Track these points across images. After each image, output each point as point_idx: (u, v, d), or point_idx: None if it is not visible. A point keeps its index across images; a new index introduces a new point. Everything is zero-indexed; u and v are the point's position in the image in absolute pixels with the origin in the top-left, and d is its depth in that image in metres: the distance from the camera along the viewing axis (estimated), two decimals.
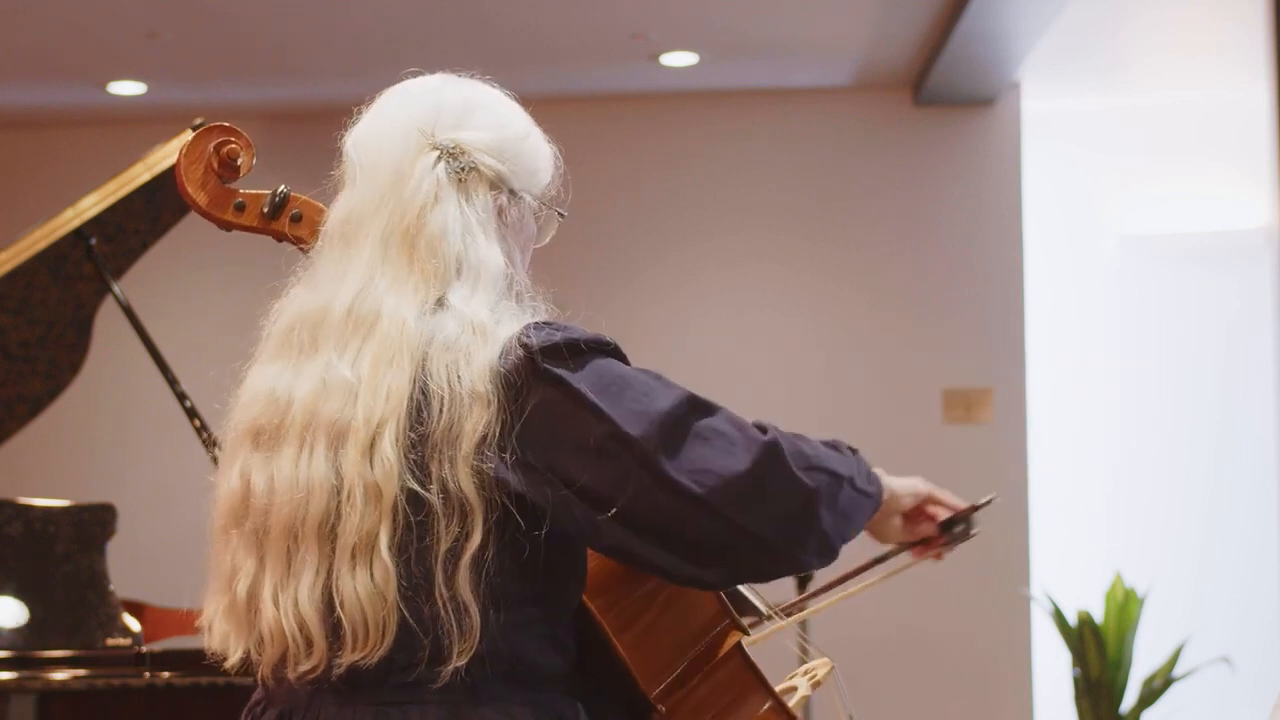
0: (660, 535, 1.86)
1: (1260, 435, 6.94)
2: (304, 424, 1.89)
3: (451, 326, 1.88)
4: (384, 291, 1.91)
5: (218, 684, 3.57)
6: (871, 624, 6.80)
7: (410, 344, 1.87)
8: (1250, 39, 5.90)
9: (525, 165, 2.03)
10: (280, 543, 1.89)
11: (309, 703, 1.92)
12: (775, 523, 1.88)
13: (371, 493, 1.84)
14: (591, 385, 1.85)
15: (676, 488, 1.84)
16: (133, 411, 7.24)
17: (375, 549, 1.84)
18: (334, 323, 1.91)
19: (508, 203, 2.00)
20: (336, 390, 1.88)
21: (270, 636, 1.89)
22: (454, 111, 2.01)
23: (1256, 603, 7.05)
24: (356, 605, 1.84)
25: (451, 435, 1.84)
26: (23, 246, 3.96)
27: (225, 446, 1.99)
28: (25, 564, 3.74)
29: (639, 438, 1.83)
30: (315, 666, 1.88)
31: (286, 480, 1.89)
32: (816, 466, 1.92)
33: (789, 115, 7.24)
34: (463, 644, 1.83)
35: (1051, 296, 7.30)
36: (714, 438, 1.87)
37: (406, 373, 1.86)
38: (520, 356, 1.85)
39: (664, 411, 1.86)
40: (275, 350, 1.96)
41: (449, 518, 1.83)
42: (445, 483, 1.83)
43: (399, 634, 1.84)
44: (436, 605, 1.83)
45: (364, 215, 1.96)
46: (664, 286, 7.15)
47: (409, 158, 1.97)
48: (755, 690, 2.07)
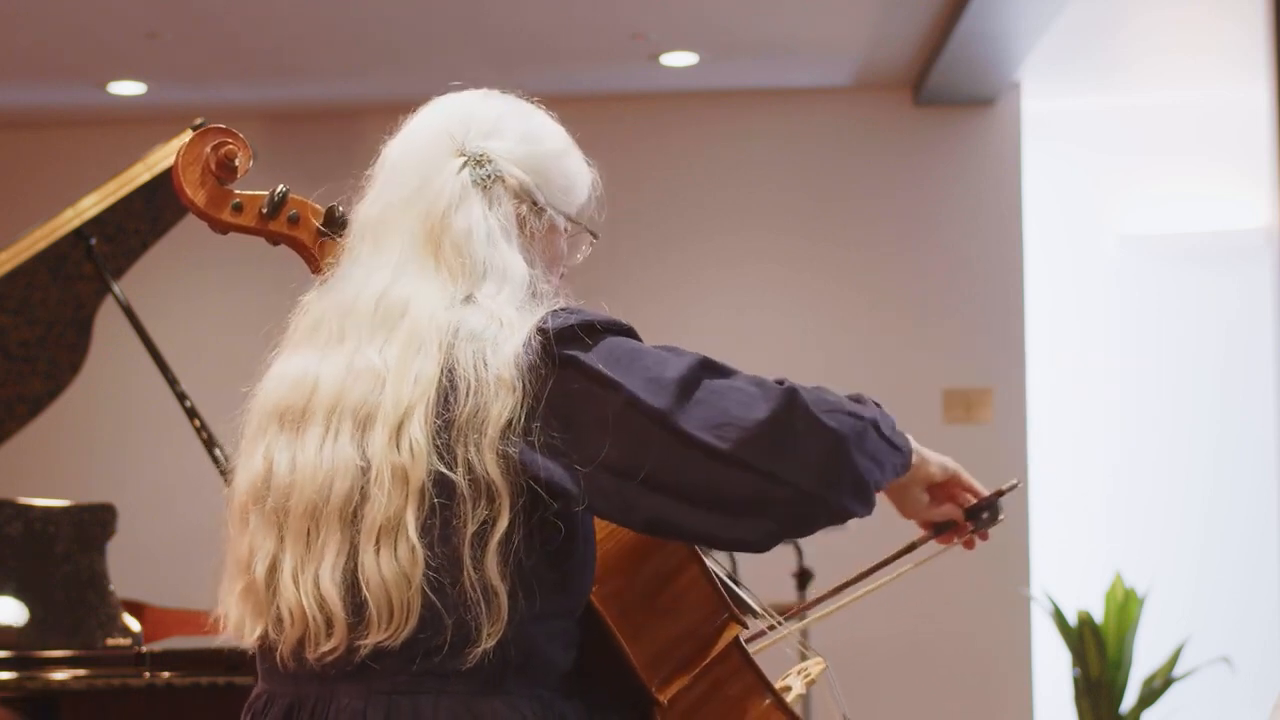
0: (693, 497, 1.86)
1: (1260, 435, 6.94)
2: (329, 407, 1.92)
3: (478, 318, 1.91)
4: (412, 285, 1.94)
5: (218, 684, 3.57)
6: (872, 624, 6.80)
7: (438, 333, 1.90)
8: (1250, 39, 5.90)
9: (556, 182, 2.05)
10: (301, 523, 1.91)
11: (321, 692, 1.92)
12: (807, 469, 1.86)
13: (399, 475, 1.86)
14: (604, 360, 1.88)
15: (700, 445, 1.84)
16: (133, 411, 7.24)
17: (402, 530, 1.86)
18: (362, 314, 1.95)
19: (529, 214, 2.03)
20: (363, 375, 1.91)
21: (291, 616, 1.90)
22: (486, 122, 2.05)
23: (1256, 603, 7.06)
24: (381, 586, 1.85)
25: (477, 420, 1.86)
26: (23, 246, 3.96)
27: (248, 429, 2.00)
28: (25, 564, 3.74)
29: (655, 402, 1.85)
30: (336, 647, 1.89)
31: (310, 462, 1.91)
32: (838, 409, 1.91)
33: (789, 115, 7.24)
34: (491, 626, 1.85)
35: (1051, 296, 7.30)
36: (731, 393, 1.87)
37: (434, 360, 1.89)
38: (539, 343, 1.88)
39: (679, 375, 1.87)
40: (302, 340, 1.99)
41: (475, 501, 1.85)
42: (471, 466, 1.86)
43: (424, 616, 1.86)
44: (463, 588, 1.85)
45: (392, 214, 2.00)
46: (664, 286, 7.16)
47: (437, 162, 2.01)
48: (754, 684, 2.08)
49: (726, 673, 2.06)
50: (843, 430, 1.89)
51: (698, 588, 2.05)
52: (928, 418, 7.01)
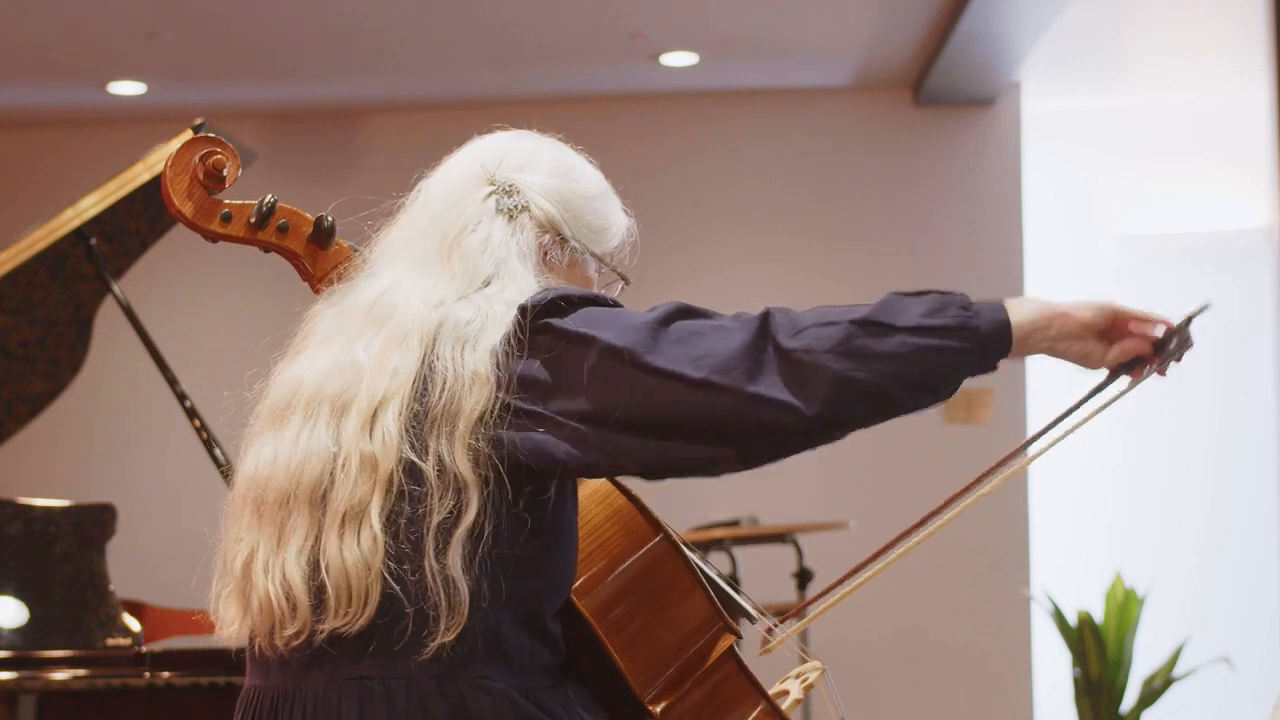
0: (677, 429, 1.85)
1: (1260, 435, 6.94)
2: (310, 399, 1.95)
3: (467, 311, 1.93)
4: (408, 289, 1.97)
5: (218, 684, 3.57)
6: (872, 625, 6.81)
7: (422, 328, 1.93)
8: (1250, 39, 5.90)
9: (586, 220, 2.09)
10: (276, 512, 1.93)
11: (298, 683, 1.93)
12: (788, 385, 1.82)
13: (367, 463, 1.89)
14: (579, 321, 1.89)
15: (676, 376, 1.84)
16: (133, 411, 7.24)
17: (365, 517, 1.87)
18: (355, 315, 1.98)
19: (551, 245, 2.05)
20: (345, 369, 1.94)
21: (260, 605, 1.93)
22: (521, 156, 2.08)
23: (1256, 603, 7.05)
24: (342, 571, 1.87)
25: (450, 412, 1.88)
26: (23, 246, 3.96)
27: (248, 435, 2.03)
28: (25, 564, 3.74)
29: (629, 345, 1.86)
30: (299, 632, 1.90)
31: (287, 451, 1.94)
32: (813, 324, 1.86)
33: (789, 115, 7.24)
34: (451, 619, 1.85)
35: (1052, 296, 7.29)
36: (708, 330, 1.88)
37: (416, 354, 1.92)
38: (515, 319, 1.90)
39: (654, 318, 1.89)
40: (303, 347, 2.02)
41: (443, 492, 1.87)
42: (441, 458, 1.87)
43: (383, 603, 1.87)
44: (424, 578, 1.86)
45: (414, 234, 2.04)
46: (664, 286, 7.15)
47: (466, 190, 2.04)
48: (748, 694, 2.07)
49: (720, 683, 2.06)
50: (810, 345, 1.84)
51: (691, 599, 2.04)
52: (928, 418, 6.97)
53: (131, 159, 4.04)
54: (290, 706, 1.93)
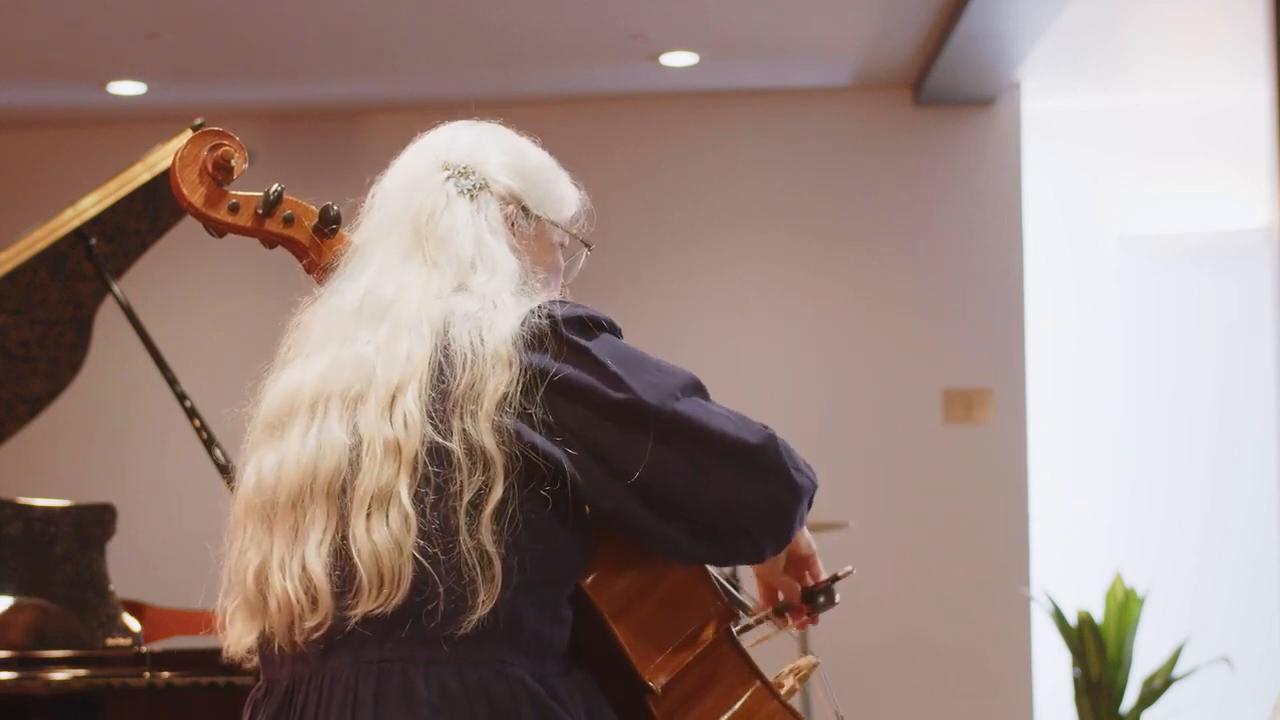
0: (665, 504, 1.94)
1: (1260, 435, 6.94)
2: (314, 399, 1.96)
3: (471, 303, 1.97)
4: (397, 280, 2.00)
5: (218, 684, 3.57)
6: (872, 624, 6.81)
7: (430, 316, 1.96)
8: (1250, 39, 5.90)
9: (544, 189, 2.12)
10: (289, 514, 1.94)
11: (315, 670, 1.93)
12: (765, 502, 1.97)
13: (391, 448, 1.90)
14: (610, 355, 1.94)
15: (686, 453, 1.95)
16: (133, 411, 7.24)
17: (394, 497, 1.89)
18: (346, 315, 1.99)
19: (517, 214, 2.08)
20: (349, 364, 1.96)
21: (278, 605, 1.93)
22: (468, 141, 2.12)
23: (1256, 603, 7.05)
24: (372, 554, 1.88)
25: (474, 393, 1.91)
26: (23, 246, 3.96)
27: (245, 448, 2.03)
28: (25, 564, 3.74)
29: (657, 406, 1.92)
30: (321, 623, 1.91)
31: (294, 452, 1.94)
32: (806, 469, 2.03)
33: (789, 115, 7.24)
34: (487, 592, 1.88)
35: (1051, 296, 7.30)
36: (724, 413, 1.98)
37: (427, 340, 1.94)
38: (544, 324, 1.94)
39: (678, 386, 1.96)
40: (292, 355, 2.03)
41: (471, 469, 1.89)
42: (467, 435, 1.90)
43: (416, 582, 1.88)
44: (458, 554, 1.88)
45: (380, 231, 2.06)
46: (664, 286, 7.15)
47: (423, 178, 2.08)
48: (747, 674, 2.10)
49: (720, 661, 2.08)
50: (803, 486, 2.00)
51: (692, 576, 2.07)
52: (928, 418, 7.01)
53: (131, 159, 4.04)
54: (305, 691, 1.94)
